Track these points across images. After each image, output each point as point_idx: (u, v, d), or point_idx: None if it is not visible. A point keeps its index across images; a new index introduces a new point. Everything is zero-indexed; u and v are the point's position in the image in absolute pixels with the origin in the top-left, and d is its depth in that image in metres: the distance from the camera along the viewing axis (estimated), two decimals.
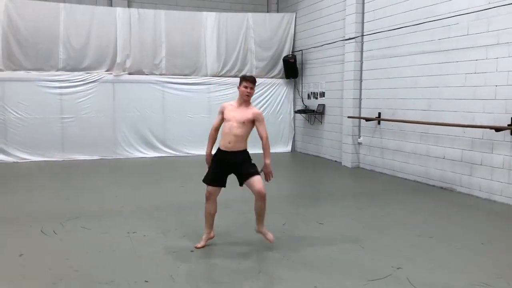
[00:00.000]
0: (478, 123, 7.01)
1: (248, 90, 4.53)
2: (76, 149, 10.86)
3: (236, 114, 4.53)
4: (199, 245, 4.63)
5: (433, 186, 7.92)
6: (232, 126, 4.49)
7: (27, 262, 4.29)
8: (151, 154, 11.50)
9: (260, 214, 4.56)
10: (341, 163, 10.42)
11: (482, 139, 7.01)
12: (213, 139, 4.75)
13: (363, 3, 9.62)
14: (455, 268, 4.19)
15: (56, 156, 10.72)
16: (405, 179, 8.59)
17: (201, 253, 4.52)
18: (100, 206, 6.51)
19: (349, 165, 10.07)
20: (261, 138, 4.52)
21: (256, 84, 4.73)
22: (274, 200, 6.04)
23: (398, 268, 4.13)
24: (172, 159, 11.29)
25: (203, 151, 11.35)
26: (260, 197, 4.42)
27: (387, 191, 7.75)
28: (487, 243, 4.93)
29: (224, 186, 4.63)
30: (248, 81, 4.55)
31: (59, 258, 4.37)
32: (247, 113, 4.53)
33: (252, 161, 4.58)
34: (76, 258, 4.38)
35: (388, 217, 6.02)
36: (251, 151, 4.66)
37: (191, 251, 4.56)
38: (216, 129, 4.73)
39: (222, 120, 4.64)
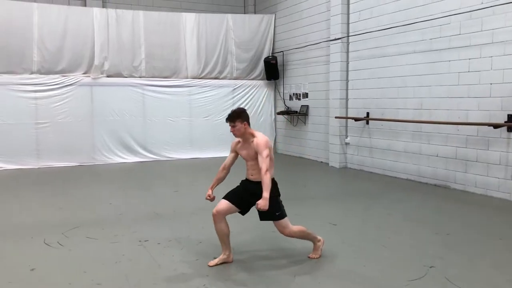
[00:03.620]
0: (473, 121, 7.14)
1: (231, 129, 4.17)
2: (52, 155, 10.35)
3: (243, 152, 4.25)
4: (211, 263, 4.19)
5: (426, 183, 8.01)
6: (247, 164, 4.26)
7: (42, 277, 3.98)
8: (131, 159, 11.12)
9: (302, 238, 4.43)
10: (328, 163, 10.40)
11: (477, 136, 7.13)
12: (217, 178, 4.35)
13: (348, 4, 9.66)
14: (486, 264, 4.18)
15: (31, 164, 10.16)
16: (396, 177, 8.66)
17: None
18: (97, 214, 6.17)
19: (337, 165, 10.07)
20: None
21: (237, 86, 4.41)
22: None
23: (431, 267, 4.08)
24: (154, 163, 10.94)
25: (184, 155, 11.62)
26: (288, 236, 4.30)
27: (383, 190, 7.76)
28: (504, 238, 4.99)
29: (241, 211, 4.22)
30: (227, 120, 4.20)
31: (76, 271, 4.07)
32: (250, 149, 4.18)
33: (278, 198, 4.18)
34: (94, 270, 4.09)
35: (395, 216, 6.01)
36: None
37: (214, 257, 4.31)
38: (224, 168, 4.34)
39: (234, 158, 4.35)
